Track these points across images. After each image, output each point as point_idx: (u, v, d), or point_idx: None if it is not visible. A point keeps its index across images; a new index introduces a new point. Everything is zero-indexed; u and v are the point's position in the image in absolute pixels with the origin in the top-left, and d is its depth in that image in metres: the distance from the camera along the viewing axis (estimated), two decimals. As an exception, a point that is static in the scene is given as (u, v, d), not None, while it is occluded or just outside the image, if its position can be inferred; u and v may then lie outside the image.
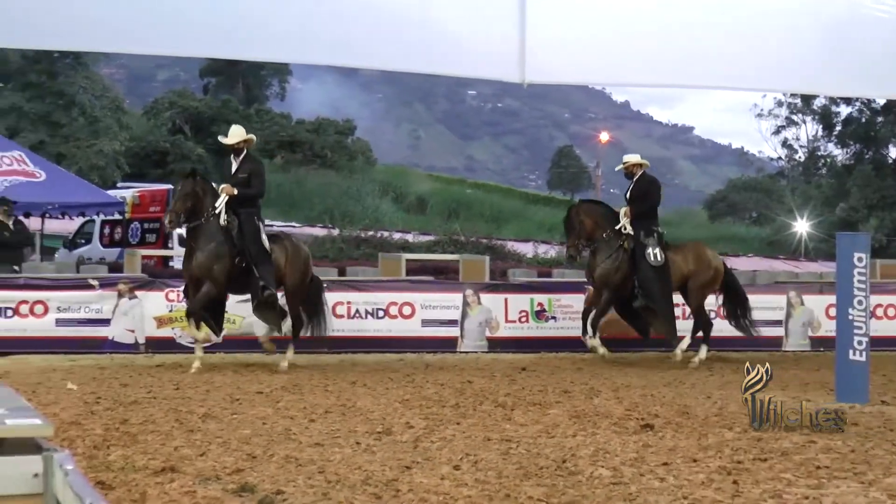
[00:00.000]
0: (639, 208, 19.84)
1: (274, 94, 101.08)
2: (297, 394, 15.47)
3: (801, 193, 79.57)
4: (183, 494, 9.09)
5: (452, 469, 10.35)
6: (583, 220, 19.78)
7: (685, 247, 21.09)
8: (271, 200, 70.01)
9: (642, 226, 19.67)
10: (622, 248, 19.63)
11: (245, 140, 18.34)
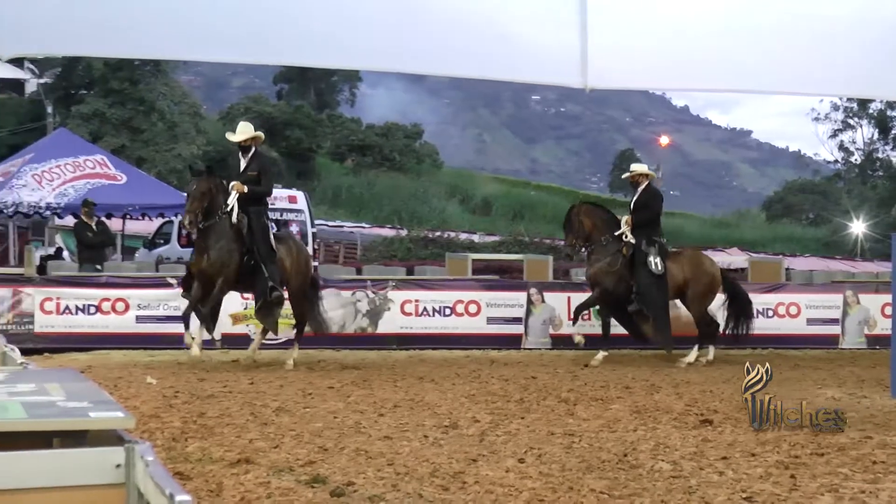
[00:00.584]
0: (639, 218, 19.61)
1: (344, 99, 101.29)
2: (367, 389, 15.50)
3: (857, 195, 78.88)
4: (257, 485, 9.13)
5: (517, 462, 10.33)
6: (582, 220, 19.59)
7: (682, 255, 20.80)
8: (342, 202, 70.32)
9: (644, 234, 19.45)
10: (620, 253, 19.41)
11: (253, 137, 17.86)
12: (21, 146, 41.02)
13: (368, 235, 53.65)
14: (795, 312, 22.45)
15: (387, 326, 21.24)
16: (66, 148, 32.14)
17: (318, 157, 75.75)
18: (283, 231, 20.45)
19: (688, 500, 8.95)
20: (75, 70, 62.67)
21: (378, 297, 21.32)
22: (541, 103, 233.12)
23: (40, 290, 20.15)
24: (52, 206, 29.67)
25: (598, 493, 9.09)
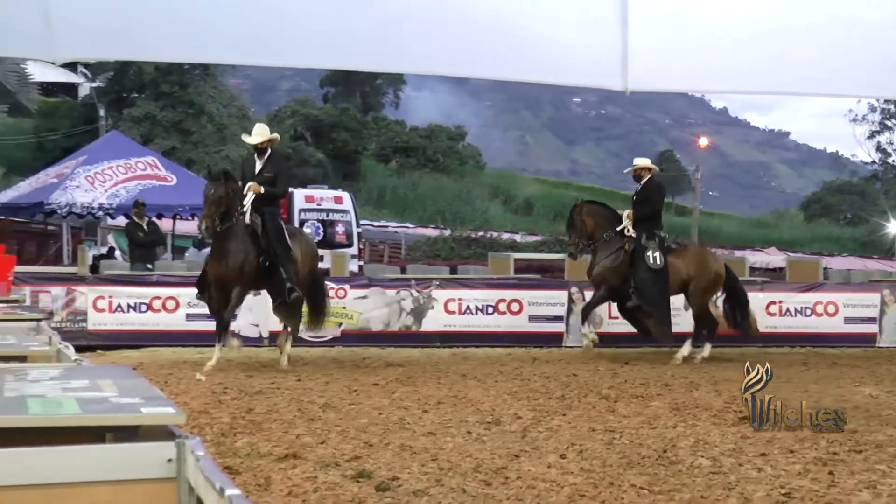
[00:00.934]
0: (640, 212, 19.49)
1: (389, 102, 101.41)
2: (411, 385, 15.52)
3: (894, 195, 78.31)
4: (304, 480, 9.17)
5: (559, 458, 10.33)
6: (584, 219, 19.52)
7: (687, 251, 20.68)
8: (386, 202, 70.42)
9: (644, 229, 19.29)
10: (623, 249, 19.28)
11: (270, 139, 17.68)
12: (74, 148, 41.28)
13: (412, 235, 53.70)
14: (833, 311, 22.33)
15: (431, 324, 21.26)
16: (118, 150, 32.34)
17: (363, 158, 75.88)
18: (292, 227, 20.28)
19: (727, 495, 8.92)
20: (127, 74, 63.00)
21: (422, 295, 21.34)
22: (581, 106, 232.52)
23: (93, 288, 20.28)
24: (104, 206, 29.87)
25: (638, 489, 9.08)
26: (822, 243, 67.38)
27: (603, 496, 8.83)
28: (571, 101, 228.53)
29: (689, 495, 8.89)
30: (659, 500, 8.75)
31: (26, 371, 4.65)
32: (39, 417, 3.49)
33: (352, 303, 20.97)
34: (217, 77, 65.15)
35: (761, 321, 21.88)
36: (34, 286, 19.74)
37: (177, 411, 3.55)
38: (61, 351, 5.91)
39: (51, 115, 63.36)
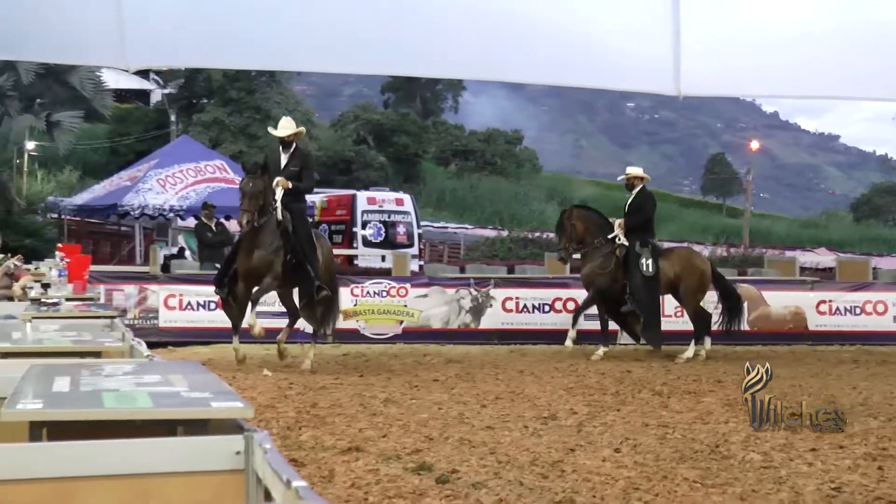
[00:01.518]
0: (633, 221, 19.26)
1: (448, 107, 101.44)
2: (470, 381, 15.51)
3: (942, 197, 77.61)
4: (367, 472, 9.19)
5: (613, 452, 10.30)
6: (574, 224, 19.27)
7: (673, 253, 20.45)
8: (446, 204, 70.45)
9: (637, 237, 19.09)
10: (613, 254, 19.03)
11: (296, 133, 16.89)
12: (146, 152, 41.64)
13: (471, 236, 53.71)
14: (882, 310, 22.14)
15: (489, 322, 21.26)
16: (188, 154, 32.62)
17: (423, 161, 75.95)
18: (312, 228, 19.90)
19: (778, 489, 8.86)
20: (196, 81, 63.39)
21: (480, 294, 21.34)
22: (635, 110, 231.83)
23: (164, 287, 20.42)
24: (175, 208, 30.14)
25: (690, 482, 9.04)
26: (871, 244, 66.73)
27: (656, 489, 8.80)
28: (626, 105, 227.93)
29: (741, 489, 8.85)
30: (711, 493, 8.71)
31: (101, 366, 4.69)
32: (114, 411, 3.52)
33: (412, 301, 21.01)
34: (283, 83, 65.40)
35: (812, 320, 21.76)
36: (108, 285, 19.90)
37: (245, 405, 3.57)
38: (134, 347, 5.96)
39: (124, 120, 63.83)
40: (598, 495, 8.57)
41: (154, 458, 3.17)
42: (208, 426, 3.50)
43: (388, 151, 69.82)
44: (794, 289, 22.36)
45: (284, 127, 16.78)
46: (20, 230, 34.87)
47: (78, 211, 35.81)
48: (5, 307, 9.34)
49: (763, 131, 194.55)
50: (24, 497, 3.05)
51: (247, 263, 16.08)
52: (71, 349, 5.81)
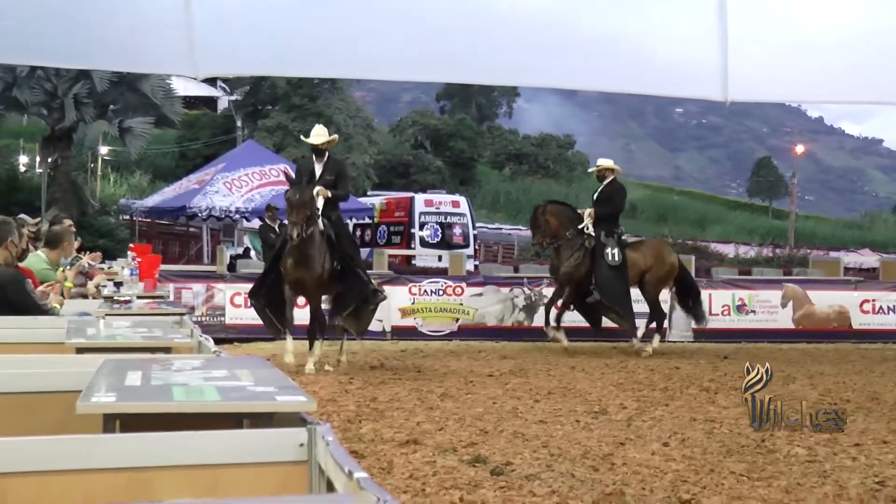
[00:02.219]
0: (603, 211, 18.93)
1: (503, 112, 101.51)
2: (524, 377, 15.51)
3: (983, 199, 76.78)
4: (424, 464, 9.20)
5: (662, 446, 10.27)
6: (548, 219, 18.81)
7: (644, 245, 20.24)
8: (500, 206, 70.42)
9: (603, 227, 18.76)
10: (584, 246, 18.68)
11: (329, 141, 16.08)
12: (214, 157, 41.95)
13: (525, 237, 53.52)
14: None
15: (542, 320, 21.20)
16: (254, 158, 32.78)
17: (478, 165, 75.95)
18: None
19: (822, 483, 8.80)
20: (262, 88, 63.68)
21: (534, 293, 21.32)
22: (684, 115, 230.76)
23: (230, 285, 20.53)
24: (240, 210, 30.29)
25: (737, 476, 9.00)
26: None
27: (703, 482, 8.76)
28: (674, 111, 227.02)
29: (786, 482, 8.79)
30: (757, 486, 8.66)
31: (171, 361, 4.72)
32: (183, 404, 3.55)
33: (468, 300, 21.01)
34: (343, 90, 65.51)
35: (855, 319, 21.60)
36: (177, 283, 20.05)
37: (308, 399, 3.58)
38: (202, 343, 6.00)
39: (192, 126, 64.29)
40: (648, 487, 8.54)
41: (222, 450, 3.19)
42: (273, 419, 3.52)
43: (444, 155, 69.89)
44: (838, 288, 22.20)
45: (318, 135, 16.12)
46: (94, 231, 35.17)
47: (148, 213, 36.09)
48: (80, 305, 9.42)
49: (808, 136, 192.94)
50: (100, 485, 3.08)
51: (296, 276, 15.34)
52: (142, 345, 5.86)
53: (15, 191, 40.78)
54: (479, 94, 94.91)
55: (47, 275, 10.99)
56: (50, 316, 8.19)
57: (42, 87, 35.10)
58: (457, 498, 8.08)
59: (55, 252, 11.68)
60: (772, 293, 21.66)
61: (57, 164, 36.61)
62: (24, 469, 3.06)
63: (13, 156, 50.76)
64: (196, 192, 31.36)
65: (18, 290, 8.28)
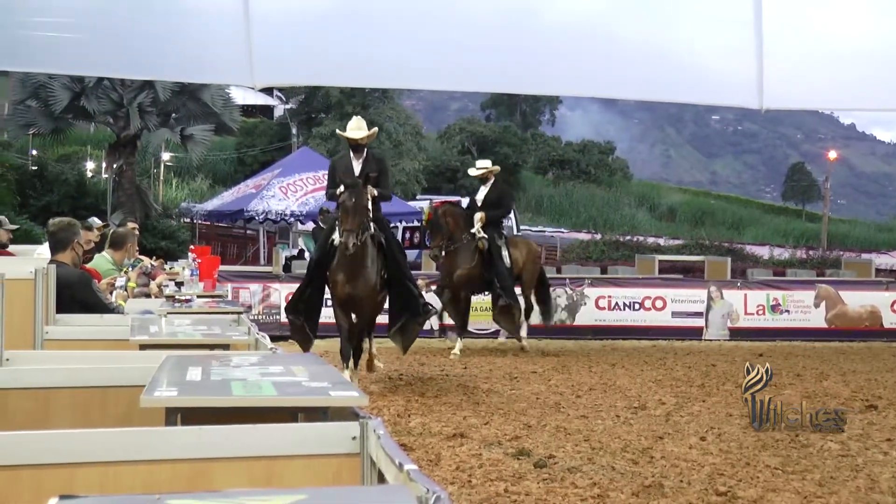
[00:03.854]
0: (494, 215, 18.32)
1: (546, 120, 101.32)
2: (566, 374, 15.49)
3: None
4: (470, 457, 9.22)
5: (699, 440, 10.24)
6: (448, 220, 17.99)
7: (517, 242, 19.83)
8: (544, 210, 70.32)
9: (495, 229, 18.31)
10: (477, 248, 18.05)
11: (369, 135, 13.99)
12: (270, 162, 42.11)
13: (567, 239, 53.49)
14: (956, 309, 21.75)
15: (583, 319, 21.21)
16: (308, 164, 32.86)
17: (523, 170, 75.78)
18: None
19: (854, 476, 8.75)
20: (315, 97, 63.86)
21: (576, 293, 21.29)
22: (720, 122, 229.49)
23: (285, 285, 20.59)
24: (295, 213, 30.38)
25: (772, 469, 8.96)
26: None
27: (740, 475, 8.73)
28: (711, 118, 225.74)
29: (820, 475, 8.74)
30: (791, 479, 8.62)
31: (229, 357, 4.75)
32: (242, 398, 3.57)
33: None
34: (394, 99, 65.54)
35: (887, 318, 21.46)
36: (235, 283, 20.16)
37: (361, 395, 3.59)
38: (259, 340, 6.03)
39: (250, 133, 64.54)
40: (686, 480, 8.51)
41: (278, 442, 3.21)
42: (327, 413, 3.53)
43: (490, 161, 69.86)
44: (869, 289, 22.05)
45: (357, 128, 13.93)
46: (157, 233, 35.43)
47: (208, 216, 36.25)
48: (143, 303, 9.49)
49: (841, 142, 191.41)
50: (163, 475, 3.11)
51: (348, 290, 12.96)
52: (202, 342, 5.89)
53: (83, 195, 41.14)
54: (523, 103, 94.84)
55: (112, 275, 11.10)
56: (115, 314, 8.26)
57: (108, 97, 35.39)
58: (501, 489, 8.08)
59: (119, 253, 11.81)
60: (805, 293, 21.54)
61: (122, 170, 36.88)
62: (91, 459, 3.09)
63: (81, 162, 51.17)
64: (253, 197, 31.48)
65: (86, 289, 8.36)
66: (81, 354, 5.62)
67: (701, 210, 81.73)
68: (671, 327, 21.18)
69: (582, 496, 7.90)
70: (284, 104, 70.97)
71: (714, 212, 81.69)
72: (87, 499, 2.12)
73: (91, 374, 4.79)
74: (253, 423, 3.29)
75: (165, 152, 53.79)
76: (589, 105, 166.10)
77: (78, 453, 3.09)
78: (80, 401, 4.69)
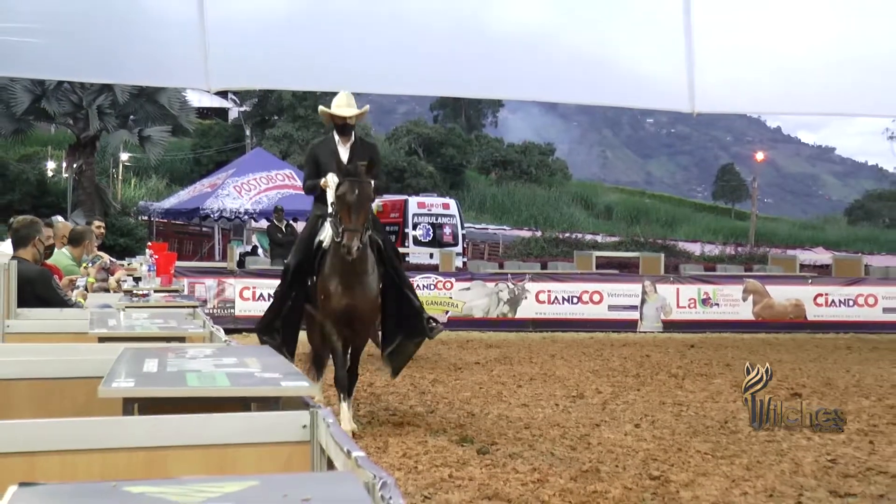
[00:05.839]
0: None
1: (489, 122, 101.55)
2: (508, 364, 15.52)
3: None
4: (416, 444, 9.22)
5: (634, 427, 10.30)
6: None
7: None
8: (487, 208, 70.39)
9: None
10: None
11: (360, 114, 11.03)
12: (225, 163, 41.95)
13: (509, 236, 53.60)
14: (873, 302, 22.01)
15: (524, 312, 21.26)
16: (261, 164, 32.80)
17: (467, 171, 75.85)
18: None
19: (780, 460, 8.84)
20: (269, 100, 63.66)
21: (517, 287, 21.34)
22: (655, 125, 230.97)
23: (240, 280, 20.54)
24: (249, 211, 30.29)
25: (702, 454, 9.03)
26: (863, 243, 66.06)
27: (672, 460, 8.78)
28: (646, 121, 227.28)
29: (747, 460, 8.82)
30: (721, 464, 8.69)
31: (185, 350, 4.72)
32: (196, 389, 3.55)
33: (457, 293, 21.02)
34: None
35: (810, 311, 21.68)
36: (191, 278, 20.03)
37: (311, 385, 3.59)
38: (213, 333, 5.99)
39: (206, 134, 64.18)
40: (621, 465, 8.56)
41: (232, 431, 3.19)
42: (279, 403, 3.53)
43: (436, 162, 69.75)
44: (794, 283, 22.27)
45: (346, 104, 10.90)
46: (115, 230, 35.12)
47: (165, 214, 36.07)
48: (102, 298, 9.42)
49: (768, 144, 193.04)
50: (120, 463, 3.08)
51: (346, 301, 9.97)
52: (159, 334, 5.86)
53: (44, 194, 40.87)
54: (468, 106, 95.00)
55: (72, 270, 11.04)
56: (75, 308, 8.20)
57: (68, 99, 35.07)
58: (446, 475, 8.09)
59: (78, 249, 11.76)
60: (734, 288, 21.73)
61: (82, 170, 36.55)
62: (50, 448, 3.06)
63: (42, 162, 50.68)
64: (208, 195, 31.36)
65: (46, 285, 8.29)
66: (42, 347, 5.56)
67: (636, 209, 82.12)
68: (608, 320, 21.29)
69: (523, 481, 7.92)
70: (239, 107, 70.60)
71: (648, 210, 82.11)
72: (46, 486, 2.11)
73: (51, 366, 4.74)
74: (207, 412, 3.27)
75: (124, 153, 53.33)
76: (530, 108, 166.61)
77: (38, 442, 3.06)
78: (40, 392, 4.64)
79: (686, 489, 7.80)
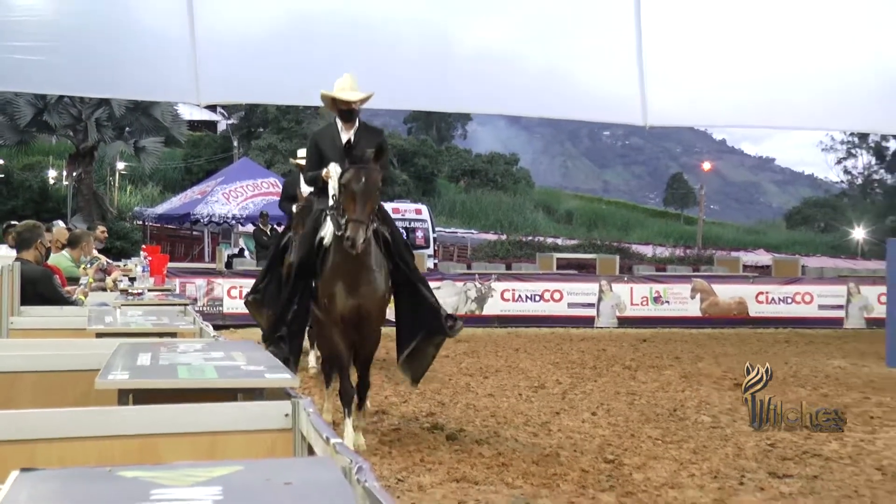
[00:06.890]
0: None
1: (459, 134, 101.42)
2: (475, 357, 15.53)
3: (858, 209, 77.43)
4: (391, 430, 9.22)
5: (591, 415, 10.32)
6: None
7: None
8: (456, 213, 70.39)
9: None
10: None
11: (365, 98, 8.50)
12: (214, 171, 41.85)
13: (477, 239, 53.62)
14: (809, 300, 22.13)
15: (490, 309, 21.26)
16: (248, 173, 32.71)
17: (438, 179, 75.81)
18: None
19: (724, 445, 8.89)
20: (255, 113, 63.42)
21: (484, 286, 21.34)
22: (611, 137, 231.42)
23: (227, 280, 20.47)
24: (236, 216, 30.20)
25: (654, 440, 9.07)
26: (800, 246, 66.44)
27: (625, 445, 8.81)
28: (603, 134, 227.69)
29: (694, 445, 8.87)
30: (670, 448, 8.73)
31: (176, 344, 4.71)
32: (187, 381, 3.54)
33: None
34: (325, 116, 65.17)
35: (753, 308, 21.77)
36: (182, 278, 19.95)
37: (293, 376, 3.59)
38: (203, 329, 5.98)
39: (196, 145, 63.90)
40: (579, 450, 8.58)
41: (219, 419, 3.19)
42: (263, 393, 3.52)
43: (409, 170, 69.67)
44: (738, 283, 22.36)
45: (349, 88, 8.49)
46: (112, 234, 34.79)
47: (158, 218, 35.94)
48: (100, 297, 9.38)
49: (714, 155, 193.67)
50: (116, 450, 3.08)
51: (352, 302, 8.44)
52: (152, 330, 5.84)
53: (45, 200, 40.67)
54: (438, 120, 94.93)
55: (72, 270, 11.00)
56: (74, 306, 8.17)
57: (68, 112, 34.85)
58: (418, 459, 8.09)
59: (76, 251, 11.73)
60: (683, 287, 21.81)
61: (81, 178, 36.33)
62: (50, 436, 3.05)
63: (44, 171, 50.42)
64: (199, 202, 31.26)
65: (48, 284, 8.26)
66: (43, 342, 5.54)
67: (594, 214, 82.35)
68: (567, 317, 21.31)
69: (488, 465, 7.93)
70: (227, 119, 70.35)
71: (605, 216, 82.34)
72: (46, 471, 2.10)
73: (52, 359, 4.73)
74: (197, 402, 3.26)
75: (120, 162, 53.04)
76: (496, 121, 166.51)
77: (38, 430, 3.05)
78: (41, 384, 4.62)
79: (638, 471, 7.83)
